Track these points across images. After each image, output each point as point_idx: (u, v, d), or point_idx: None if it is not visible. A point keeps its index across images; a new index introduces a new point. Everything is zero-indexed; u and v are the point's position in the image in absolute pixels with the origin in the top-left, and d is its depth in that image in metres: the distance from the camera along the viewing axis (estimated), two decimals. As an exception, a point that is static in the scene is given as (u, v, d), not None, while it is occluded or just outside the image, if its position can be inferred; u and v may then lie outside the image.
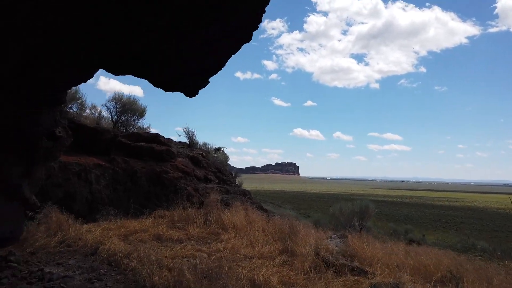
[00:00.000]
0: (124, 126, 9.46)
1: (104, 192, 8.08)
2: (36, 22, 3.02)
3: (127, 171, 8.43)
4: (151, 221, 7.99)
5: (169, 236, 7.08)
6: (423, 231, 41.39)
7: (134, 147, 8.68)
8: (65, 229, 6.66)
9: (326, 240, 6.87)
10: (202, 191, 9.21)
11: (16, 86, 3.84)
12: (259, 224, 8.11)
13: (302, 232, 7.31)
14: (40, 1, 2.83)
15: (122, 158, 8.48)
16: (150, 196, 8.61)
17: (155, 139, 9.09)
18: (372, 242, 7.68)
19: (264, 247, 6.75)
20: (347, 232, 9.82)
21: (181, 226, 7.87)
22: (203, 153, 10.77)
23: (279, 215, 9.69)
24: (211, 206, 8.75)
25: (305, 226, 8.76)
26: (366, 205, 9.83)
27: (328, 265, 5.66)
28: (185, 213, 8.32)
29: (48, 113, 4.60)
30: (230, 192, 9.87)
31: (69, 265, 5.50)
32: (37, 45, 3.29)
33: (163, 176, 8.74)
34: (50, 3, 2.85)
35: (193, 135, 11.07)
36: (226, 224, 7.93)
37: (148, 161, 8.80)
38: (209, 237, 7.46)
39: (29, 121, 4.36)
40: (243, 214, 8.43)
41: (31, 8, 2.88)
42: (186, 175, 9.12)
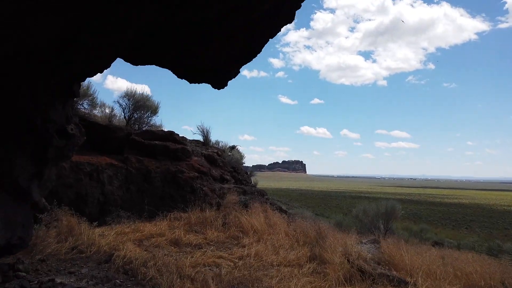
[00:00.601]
0: (137, 123, 9.01)
1: (117, 193, 7.64)
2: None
3: (141, 171, 7.99)
4: (167, 223, 7.54)
5: (187, 240, 6.62)
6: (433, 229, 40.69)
7: (148, 146, 8.23)
8: (76, 234, 6.23)
9: (357, 245, 6.36)
10: (219, 191, 8.73)
11: (45, 69, 3.37)
12: (281, 227, 7.62)
13: (329, 233, 6.81)
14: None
15: (136, 157, 8.03)
16: (165, 197, 8.16)
17: (169, 137, 8.63)
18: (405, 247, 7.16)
19: (289, 253, 6.26)
20: (375, 236, 9.31)
21: (198, 230, 7.40)
22: (219, 152, 10.29)
23: (300, 216, 9.20)
24: (228, 207, 8.28)
25: (329, 228, 8.25)
26: (392, 206, 9.30)
27: (364, 275, 5.16)
28: (202, 215, 7.86)
29: (62, 107, 4.14)
30: (247, 193, 9.38)
31: (82, 274, 5.06)
32: (79, 17, 2.78)
33: (179, 176, 8.28)
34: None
35: (208, 133, 10.61)
36: (245, 228, 7.46)
37: (163, 160, 8.35)
38: (229, 241, 6.99)
39: (41, 116, 3.90)
40: (263, 217, 7.95)
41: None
42: (202, 174, 8.66)
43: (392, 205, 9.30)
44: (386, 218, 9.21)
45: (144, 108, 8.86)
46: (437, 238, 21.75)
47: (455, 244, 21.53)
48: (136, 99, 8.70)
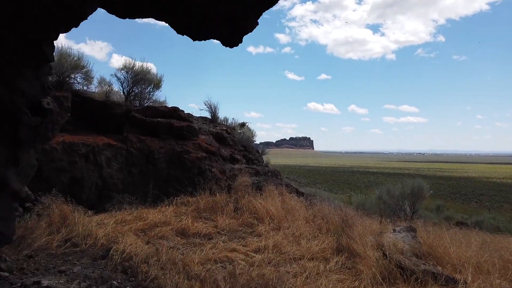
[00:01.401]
0: (138, 99, 8.15)
1: (117, 176, 6.87)
2: None
3: (143, 152, 7.19)
4: (173, 209, 6.79)
5: (195, 230, 5.86)
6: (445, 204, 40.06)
7: (150, 124, 7.40)
8: (71, 224, 5.49)
9: (390, 233, 5.55)
10: (229, 173, 7.94)
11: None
12: (300, 213, 6.83)
13: (357, 220, 6.01)
14: None
15: (137, 137, 7.22)
16: (170, 180, 7.39)
17: (174, 113, 7.77)
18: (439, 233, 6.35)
19: (312, 244, 5.48)
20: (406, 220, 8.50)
21: (208, 216, 6.64)
22: (228, 129, 9.44)
23: (318, 199, 8.40)
24: (240, 190, 7.49)
25: (354, 213, 7.44)
26: (419, 186, 8.44)
27: (405, 272, 4.37)
28: (211, 199, 7.09)
29: (34, 77, 3.29)
30: (260, 174, 8.58)
31: (74, 274, 4.33)
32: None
33: (185, 156, 7.47)
34: None
35: (216, 109, 9.72)
36: (260, 213, 6.68)
37: (167, 139, 7.52)
38: (243, 229, 6.22)
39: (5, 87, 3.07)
40: (279, 200, 7.16)
41: None
42: (211, 154, 7.84)
43: (419, 184, 8.45)
44: (413, 199, 8.39)
45: (145, 82, 7.98)
46: (450, 214, 20.97)
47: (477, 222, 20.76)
48: (136, 71, 7.80)
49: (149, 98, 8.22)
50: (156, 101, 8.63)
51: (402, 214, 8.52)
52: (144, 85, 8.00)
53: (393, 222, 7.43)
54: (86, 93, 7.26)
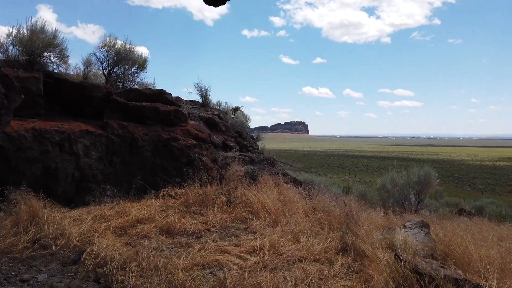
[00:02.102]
0: (120, 81, 7.40)
1: (96, 166, 6.20)
2: None
3: (125, 139, 6.51)
4: (159, 203, 6.15)
5: (182, 227, 5.23)
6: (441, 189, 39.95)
7: (133, 108, 6.69)
8: (41, 222, 4.84)
9: (400, 230, 4.97)
10: (221, 161, 7.29)
11: None
12: (298, 205, 6.23)
13: (362, 216, 5.41)
14: None
15: (118, 123, 6.52)
16: (156, 170, 6.74)
17: (160, 97, 7.05)
18: (450, 227, 5.79)
19: (313, 242, 4.88)
20: (402, 209, 7.93)
21: (197, 210, 6.02)
22: (220, 114, 8.75)
23: (317, 189, 7.80)
24: (233, 181, 6.86)
25: (356, 204, 6.86)
26: (427, 174, 7.87)
27: (422, 278, 3.79)
28: (202, 191, 6.46)
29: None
30: (255, 162, 7.95)
31: (38, 284, 3.70)
32: None
33: (172, 144, 6.80)
34: None
35: (207, 92, 8.99)
36: (255, 207, 6.07)
37: (152, 125, 6.83)
38: (236, 226, 5.61)
39: None
40: (276, 192, 6.55)
41: None
42: (201, 142, 7.18)
43: (426, 172, 7.87)
44: (419, 188, 7.83)
45: (128, 62, 7.23)
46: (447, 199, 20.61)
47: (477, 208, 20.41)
48: (117, 50, 7.03)
49: (133, 80, 7.49)
50: (142, 84, 7.90)
51: (406, 204, 7.98)
52: (127, 65, 7.25)
53: (399, 215, 6.87)
54: (61, 74, 6.52)
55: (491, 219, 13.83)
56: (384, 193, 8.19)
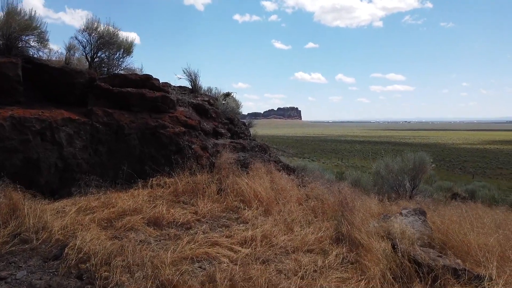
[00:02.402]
0: (105, 66, 7.06)
1: (81, 156, 5.95)
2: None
3: (111, 127, 6.24)
4: (147, 193, 5.94)
5: (171, 218, 5.03)
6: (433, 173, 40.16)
7: (119, 94, 6.40)
8: (22, 215, 4.61)
9: (396, 218, 4.82)
10: (211, 149, 7.07)
11: None
12: (291, 194, 6.05)
13: (357, 202, 5.25)
14: None
15: (103, 110, 6.24)
16: (144, 158, 6.50)
17: (146, 82, 6.76)
18: (447, 213, 5.67)
19: (307, 232, 4.73)
20: (397, 195, 7.79)
21: (187, 200, 5.82)
22: (210, 100, 8.49)
23: (311, 176, 7.63)
24: (224, 169, 6.65)
25: (350, 190, 6.70)
26: (421, 159, 7.72)
27: (421, 269, 3.64)
28: (192, 180, 6.25)
29: None
30: (247, 149, 7.73)
31: (16, 281, 3.49)
32: None
33: (160, 131, 6.55)
34: None
35: (197, 77, 8.68)
36: (247, 195, 5.88)
37: (139, 112, 6.57)
38: (227, 215, 5.42)
39: None
40: (268, 180, 6.36)
41: None
42: (191, 129, 6.93)
43: (421, 158, 7.72)
44: (414, 174, 7.70)
45: (113, 46, 6.89)
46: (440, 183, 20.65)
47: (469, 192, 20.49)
48: (100, 33, 6.69)
49: (118, 66, 7.15)
50: (129, 70, 7.57)
51: (401, 190, 7.86)
52: (112, 50, 6.92)
53: (394, 201, 6.74)
54: (41, 59, 6.19)
55: (484, 203, 13.87)
56: (378, 179, 8.06)
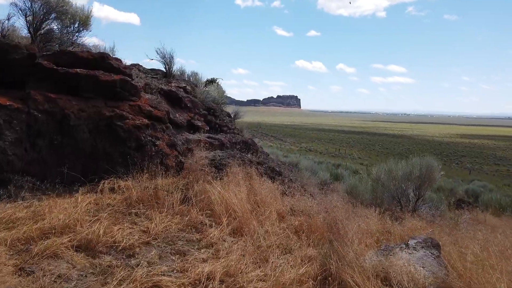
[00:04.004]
0: (55, 42, 5.85)
1: (13, 151, 4.79)
2: None
3: (54, 116, 5.06)
4: (94, 200, 4.80)
5: (110, 238, 3.86)
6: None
7: (66, 76, 5.20)
8: None
9: (400, 251, 3.71)
10: (182, 146, 5.91)
11: None
12: (272, 208, 4.92)
13: (351, 229, 4.13)
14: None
15: (44, 95, 5.05)
16: (97, 156, 5.34)
17: (102, 62, 5.54)
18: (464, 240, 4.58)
19: (285, 266, 3.60)
20: (399, 208, 6.68)
21: (141, 212, 4.67)
22: (188, 87, 7.29)
23: (299, 182, 6.50)
24: (195, 171, 5.52)
25: (342, 201, 5.58)
26: (429, 166, 6.60)
27: None
28: (151, 185, 5.10)
29: None
30: (226, 146, 6.59)
31: None
32: None
33: (117, 124, 5.38)
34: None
35: (172, 60, 7.44)
36: (217, 208, 4.74)
37: (92, 99, 5.38)
38: (187, 236, 4.28)
39: None
40: (246, 188, 5.22)
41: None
42: (156, 121, 5.76)
43: (429, 164, 6.60)
44: (419, 182, 6.61)
45: (64, 16, 5.66)
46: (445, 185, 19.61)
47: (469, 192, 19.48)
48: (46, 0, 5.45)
49: (73, 43, 5.92)
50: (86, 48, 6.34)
51: (404, 200, 6.78)
52: (63, 21, 5.68)
53: (397, 219, 5.63)
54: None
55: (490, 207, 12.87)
56: (378, 187, 6.98)
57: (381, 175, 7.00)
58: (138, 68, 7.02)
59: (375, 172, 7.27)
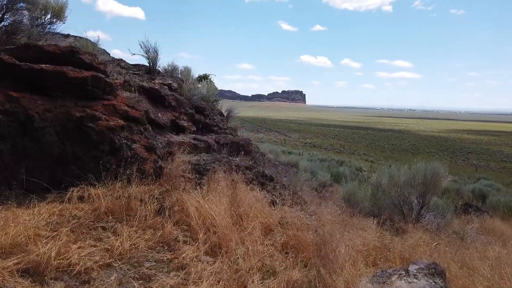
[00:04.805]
0: (24, 35, 5.33)
1: (-31, 156, 4.29)
2: None
3: (17, 116, 4.57)
4: (59, 211, 4.30)
5: (66, 261, 3.37)
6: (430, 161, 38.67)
7: (30, 72, 4.70)
8: None
9: (399, 280, 3.18)
10: (162, 150, 5.39)
11: None
12: (257, 221, 4.39)
13: (342, 249, 3.61)
14: None
15: (5, 93, 4.55)
16: (66, 160, 4.85)
17: (71, 57, 5.02)
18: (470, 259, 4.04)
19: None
20: (401, 217, 6.13)
21: (109, 225, 4.17)
22: (173, 84, 6.76)
23: (292, 187, 5.97)
24: (175, 177, 5.01)
25: (336, 208, 5.05)
26: (434, 172, 6.02)
27: None
28: (124, 193, 4.60)
29: None
30: (213, 149, 6.07)
31: None
32: None
33: (88, 125, 4.86)
34: None
35: (156, 55, 6.89)
36: (194, 221, 4.22)
37: (60, 98, 4.87)
38: (156, 256, 3.77)
39: None
40: (228, 197, 4.69)
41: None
42: (133, 122, 5.24)
43: (434, 170, 6.02)
44: (424, 189, 6.05)
45: (34, 7, 5.14)
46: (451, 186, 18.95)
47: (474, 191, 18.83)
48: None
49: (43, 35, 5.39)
50: (60, 41, 5.83)
51: (406, 207, 6.24)
52: (34, 12, 5.16)
53: (397, 230, 5.09)
54: None
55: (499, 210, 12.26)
56: (378, 193, 6.43)
57: (382, 180, 6.45)
58: (119, 64, 6.51)
59: (375, 177, 6.73)
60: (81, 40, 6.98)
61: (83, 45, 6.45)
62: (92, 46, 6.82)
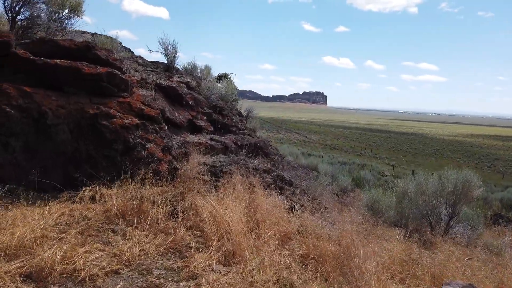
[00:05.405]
0: (40, 29, 5.24)
1: (-20, 153, 4.19)
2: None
3: (30, 113, 4.45)
4: (69, 211, 4.15)
5: (71, 265, 3.19)
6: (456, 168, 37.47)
7: (44, 67, 4.57)
8: None
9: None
10: (177, 150, 5.19)
11: None
12: (274, 229, 4.13)
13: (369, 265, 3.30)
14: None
15: (18, 88, 4.44)
16: (79, 159, 4.71)
17: (87, 53, 4.88)
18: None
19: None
20: (428, 229, 5.74)
21: (119, 228, 3.98)
22: (192, 82, 6.57)
23: (313, 185, 5.67)
24: (190, 179, 4.80)
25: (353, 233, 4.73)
26: (466, 181, 5.61)
27: None
28: (137, 195, 4.42)
29: None
30: (230, 150, 5.84)
31: None
32: None
33: (102, 123, 4.71)
34: None
35: (175, 52, 6.73)
36: (208, 227, 3.98)
37: (75, 94, 4.73)
38: (166, 263, 3.55)
39: None
40: (245, 202, 4.44)
41: None
42: (148, 121, 5.06)
43: (466, 179, 5.60)
44: (454, 199, 5.64)
45: (52, 2, 5.04)
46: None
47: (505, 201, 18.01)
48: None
49: (62, 31, 5.28)
50: (79, 36, 5.71)
51: (434, 218, 5.84)
52: (51, 7, 5.06)
53: (425, 243, 4.73)
54: None
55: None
56: (404, 202, 6.04)
57: (409, 189, 6.05)
58: (137, 61, 6.36)
59: (402, 185, 6.33)
60: (100, 37, 6.86)
61: (103, 42, 6.35)
62: (111, 43, 6.71)
